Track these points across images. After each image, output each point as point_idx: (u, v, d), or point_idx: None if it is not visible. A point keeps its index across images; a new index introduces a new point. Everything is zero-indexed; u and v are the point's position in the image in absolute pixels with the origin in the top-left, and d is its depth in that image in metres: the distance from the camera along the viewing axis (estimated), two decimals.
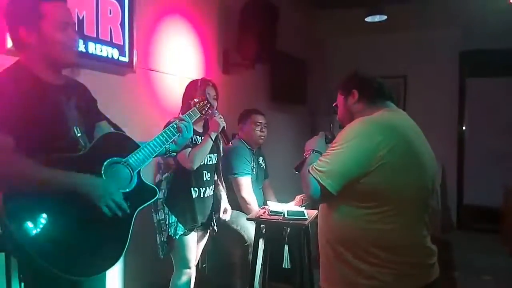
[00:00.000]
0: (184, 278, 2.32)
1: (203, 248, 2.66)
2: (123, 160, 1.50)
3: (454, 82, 5.45)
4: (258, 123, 2.88)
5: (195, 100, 2.00)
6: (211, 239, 2.91)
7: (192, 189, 2.28)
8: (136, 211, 1.50)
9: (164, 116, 2.36)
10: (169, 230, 2.22)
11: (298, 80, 5.11)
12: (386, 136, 1.35)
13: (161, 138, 1.65)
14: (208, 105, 2.02)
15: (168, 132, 1.69)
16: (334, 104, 1.69)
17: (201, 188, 2.32)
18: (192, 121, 1.83)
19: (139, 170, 1.54)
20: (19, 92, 1.31)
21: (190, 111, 1.91)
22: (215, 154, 2.44)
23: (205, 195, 2.35)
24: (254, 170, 2.85)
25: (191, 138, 2.14)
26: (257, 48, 3.66)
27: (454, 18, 4.95)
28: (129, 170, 1.50)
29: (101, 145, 1.48)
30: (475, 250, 4.41)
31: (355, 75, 1.65)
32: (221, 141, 2.47)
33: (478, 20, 4.79)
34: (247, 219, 2.51)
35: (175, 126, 1.72)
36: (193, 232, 2.30)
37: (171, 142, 1.70)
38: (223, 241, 2.88)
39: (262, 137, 2.90)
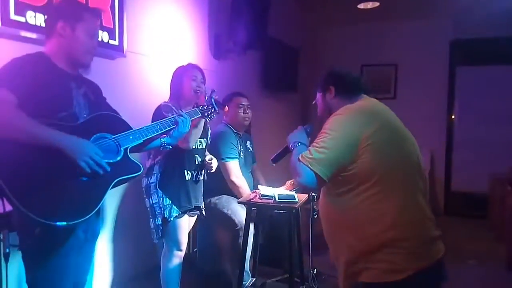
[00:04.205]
0: (176, 261, 2.34)
1: (194, 233, 2.69)
2: (113, 136, 1.63)
3: (444, 70, 5.50)
4: (241, 105, 2.88)
5: (202, 104, 2.15)
6: (202, 224, 2.94)
7: (185, 171, 2.31)
8: (116, 179, 1.59)
9: (154, 101, 2.35)
10: (164, 212, 2.23)
11: (290, 68, 5.11)
12: (369, 119, 1.42)
13: (155, 126, 1.77)
14: (212, 110, 2.14)
15: (164, 123, 1.81)
16: (314, 102, 1.76)
17: (193, 171, 2.35)
18: (191, 119, 1.96)
19: (127, 147, 1.65)
20: (34, 68, 1.52)
21: (191, 110, 2.04)
22: (205, 139, 2.46)
23: (198, 179, 2.38)
24: (241, 154, 2.85)
25: None
26: (249, 34, 3.65)
27: (445, 8, 4.97)
28: (116, 145, 1.63)
29: (96, 121, 1.62)
30: (461, 236, 4.51)
31: (331, 72, 1.70)
32: (209, 127, 2.50)
33: (469, 9, 4.82)
34: (238, 202, 2.53)
35: (173, 119, 1.84)
36: (186, 215, 2.32)
37: (164, 133, 1.83)
38: (214, 225, 2.90)
39: (247, 119, 2.91)
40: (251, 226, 2.54)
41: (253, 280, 2.68)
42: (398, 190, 1.39)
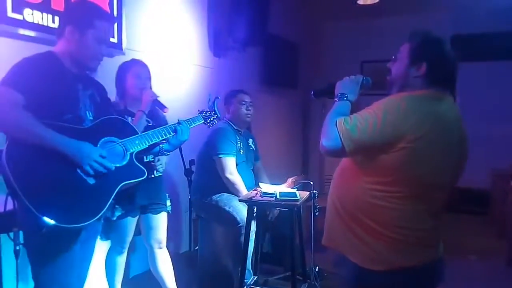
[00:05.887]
0: (116, 256, 2.33)
1: (195, 231, 2.66)
2: (120, 140, 1.68)
3: None
4: (244, 102, 2.86)
5: (205, 110, 2.17)
6: (203, 222, 2.93)
7: None
8: (121, 184, 1.63)
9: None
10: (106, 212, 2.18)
11: (290, 64, 5.08)
12: (423, 121, 1.27)
13: (159, 131, 1.85)
14: (215, 116, 2.19)
15: (165, 130, 1.87)
16: (393, 58, 1.49)
17: None
18: (191, 127, 2.01)
19: (133, 152, 1.71)
20: (43, 69, 1.54)
21: (194, 116, 2.08)
22: None
23: (148, 177, 2.29)
24: (241, 151, 2.83)
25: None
26: (249, 30, 3.63)
27: (445, 2, 4.95)
28: (123, 149, 1.69)
29: (104, 124, 1.67)
30: (462, 232, 4.50)
31: (438, 45, 1.40)
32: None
33: (469, 4, 4.79)
34: (240, 200, 2.52)
35: (172, 127, 1.91)
36: (130, 217, 2.25)
37: (164, 140, 1.89)
38: (215, 223, 2.89)
39: (249, 116, 2.88)
40: (253, 224, 2.53)
41: (255, 278, 2.67)
42: (414, 198, 1.32)
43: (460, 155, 1.39)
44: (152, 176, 2.29)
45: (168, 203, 2.45)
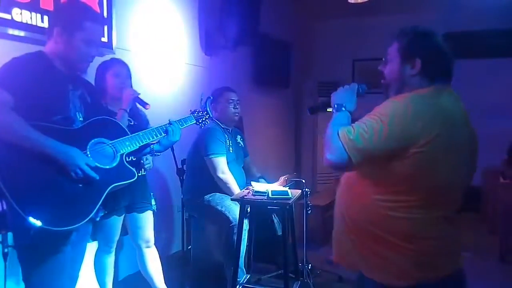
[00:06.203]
0: (103, 257, 2.33)
1: (188, 230, 2.65)
2: (110, 142, 1.67)
3: None
4: (231, 100, 2.84)
5: (197, 110, 2.15)
6: (196, 221, 2.93)
7: None
8: (111, 186, 1.62)
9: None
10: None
11: (282, 63, 5.08)
12: (432, 121, 1.20)
13: (150, 132, 1.83)
14: (207, 116, 2.17)
15: (156, 131, 1.86)
16: (382, 60, 1.42)
17: None
18: (183, 127, 1.99)
19: (123, 153, 1.69)
20: (32, 69, 1.52)
21: (186, 116, 2.06)
22: None
23: None
24: (231, 149, 2.81)
25: None
26: (240, 29, 3.63)
27: (435, 1, 4.98)
28: (113, 151, 1.67)
29: (94, 125, 1.65)
30: None
31: (429, 38, 1.33)
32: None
33: (459, 3, 4.83)
34: (232, 199, 2.52)
35: (164, 128, 1.89)
36: (115, 216, 2.26)
37: (156, 140, 1.88)
38: (208, 223, 2.89)
39: (237, 114, 2.87)
40: (245, 223, 2.53)
41: (248, 277, 2.67)
42: (430, 205, 1.25)
43: (471, 152, 1.33)
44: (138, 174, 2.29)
45: (153, 202, 2.45)
